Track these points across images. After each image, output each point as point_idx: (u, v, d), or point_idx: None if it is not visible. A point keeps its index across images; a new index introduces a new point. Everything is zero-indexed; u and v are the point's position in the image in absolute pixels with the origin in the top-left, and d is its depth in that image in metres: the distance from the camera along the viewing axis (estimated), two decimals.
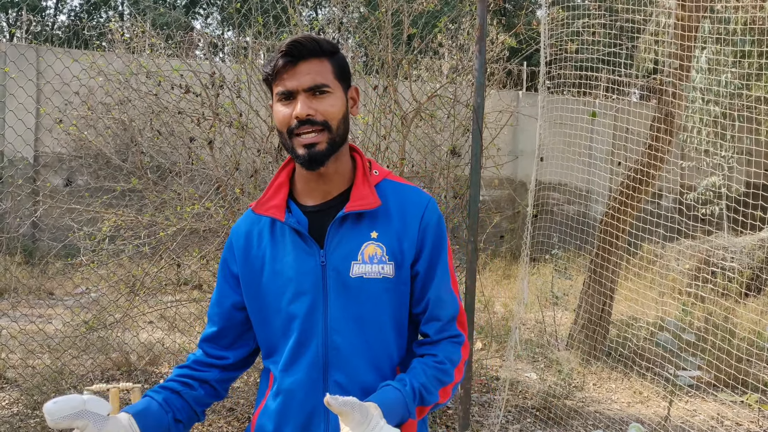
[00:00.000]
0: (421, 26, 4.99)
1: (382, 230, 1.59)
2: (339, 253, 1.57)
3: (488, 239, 11.44)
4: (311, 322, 1.57)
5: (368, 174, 1.64)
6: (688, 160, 10.83)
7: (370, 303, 1.57)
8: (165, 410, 1.58)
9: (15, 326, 5.69)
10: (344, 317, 1.57)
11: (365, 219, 1.59)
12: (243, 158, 4.65)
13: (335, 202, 1.62)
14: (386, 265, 1.57)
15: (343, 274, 1.57)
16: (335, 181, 1.62)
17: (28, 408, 4.71)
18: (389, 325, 1.60)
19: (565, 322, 7.45)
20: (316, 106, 1.52)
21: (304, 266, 1.58)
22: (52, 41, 13.89)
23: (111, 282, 5.00)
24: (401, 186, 1.67)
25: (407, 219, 1.61)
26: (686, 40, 5.54)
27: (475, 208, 4.14)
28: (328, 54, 1.57)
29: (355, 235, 1.58)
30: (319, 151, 1.53)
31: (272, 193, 1.65)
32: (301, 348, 1.58)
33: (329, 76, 1.56)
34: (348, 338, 1.57)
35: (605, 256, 6.18)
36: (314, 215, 1.61)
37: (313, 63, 1.54)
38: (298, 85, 1.52)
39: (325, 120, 1.53)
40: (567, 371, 5.72)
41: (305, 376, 1.58)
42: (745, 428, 5.01)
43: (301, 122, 1.52)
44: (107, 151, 5.18)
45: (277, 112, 1.56)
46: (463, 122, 5.10)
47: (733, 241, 9.26)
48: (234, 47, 5.49)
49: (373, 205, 1.57)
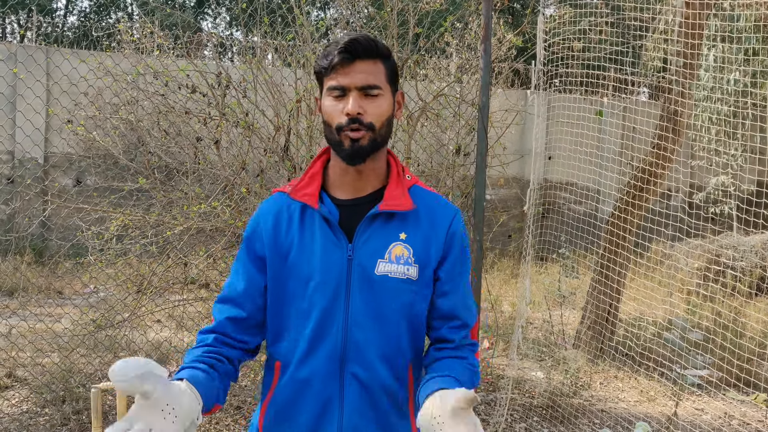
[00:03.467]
0: (426, 26, 4.99)
1: (411, 232, 1.63)
2: (367, 249, 1.61)
3: (496, 239, 11.43)
4: (332, 313, 1.60)
5: (402, 176, 1.68)
6: (697, 159, 10.79)
7: (391, 301, 1.61)
8: (211, 377, 1.52)
9: (24, 325, 5.74)
10: (365, 312, 1.60)
11: (395, 219, 1.63)
12: (249, 158, 4.67)
13: (367, 198, 1.65)
14: (411, 267, 1.61)
15: (369, 271, 1.60)
16: (370, 178, 1.66)
17: (37, 406, 4.75)
18: (406, 324, 1.64)
19: (573, 321, 7.43)
20: (366, 106, 1.56)
21: (330, 257, 1.60)
22: (62, 42, 13.98)
23: (119, 281, 5.03)
24: (430, 193, 1.72)
25: (436, 225, 1.66)
26: (693, 38, 5.52)
27: (480, 207, 4.14)
28: (383, 56, 1.60)
29: (385, 234, 1.62)
30: (361, 146, 1.56)
31: (307, 181, 1.67)
32: (320, 338, 1.60)
33: (382, 77, 1.59)
34: (367, 333, 1.60)
35: (612, 255, 6.17)
36: (345, 209, 1.64)
37: (369, 63, 1.57)
38: (352, 82, 1.55)
39: (371, 122, 1.56)
40: (574, 370, 5.72)
41: (323, 367, 1.60)
42: (752, 428, 4.99)
43: (351, 120, 1.55)
44: (115, 152, 5.21)
45: (326, 106, 1.59)
46: (469, 121, 5.10)
47: (742, 241, 9.22)
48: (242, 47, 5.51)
49: (406, 206, 1.62)
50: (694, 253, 8.40)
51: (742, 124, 7.60)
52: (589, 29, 5.70)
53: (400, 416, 1.66)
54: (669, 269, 8.16)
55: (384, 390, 1.62)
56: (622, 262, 6.13)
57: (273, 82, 4.74)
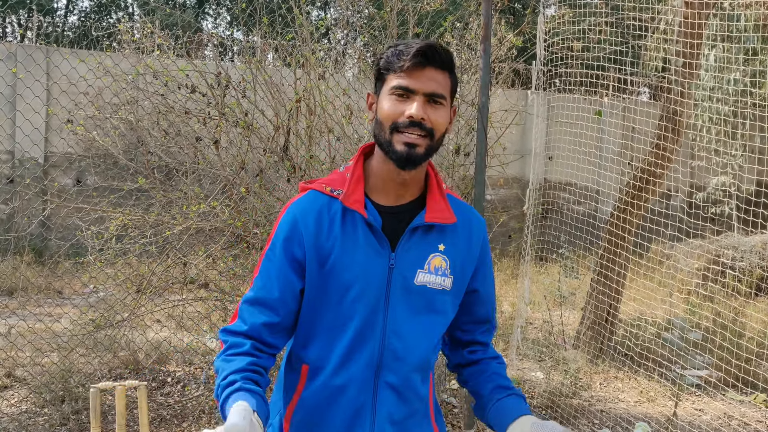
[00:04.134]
0: (426, 26, 4.99)
1: (449, 244, 1.65)
2: (408, 259, 1.61)
3: (496, 239, 11.43)
4: (372, 322, 1.59)
5: (441, 187, 1.69)
6: (697, 159, 10.79)
7: (427, 311, 1.63)
8: (264, 399, 1.50)
9: (24, 325, 5.74)
10: (403, 322, 1.61)
11: (435, 230, 1.64)
12: (249, 158, 4.66)
13: (408, 206, 1.65)
14: (447, 278, 1.64)
15: (409, 280, 1.61)
16: (412, 186, 1.65)
17: (36, 406, 4.75)
18: (437, 334, 1.68)
19: (573, 322, 7.43)
20: (429, 113, 1.55)
21: (373, 265, 1.59)
22: (62, 42, 13.99)
23: (118, 281, 5.03)
24: (463, 204, 1.74)
25: (472, 238, 1.70)
26: (693, 38, 5.52)
27: (480, 208, 4.14)
28: (451, 69, 1.61)
29: (425, 245, 1.63)
30: (417, 153, 1.55)
31: (354, 186, 1.61)
32: (358, 346, 1.60)
33: (447, 89, 1.59)
34: (404, 342, 1.62)
35: (612, 255, 6.16)
36: (387, 215, 1.62)
37: (439, 72, 1.57)
38: (421, 87, 1.54)
39: (433, 128, 1.56)
40: (573, 370, 5.71)
41: (359, 375, 1.60)
42: (752, 428, 4.99)
43: (413, 123, 1.53)
44: (115, 151, 5.21)
45: (386, 105, 1.56)
46: (469, 121, 5.10)
47: (743, 241, 9.21)
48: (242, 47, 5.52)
49: (450, 220, 1.64)
50: (695, 253, 8.39)
51: (742, 124, 7.60)
52: (589, 29, 5.70)
53: (424, 418, 1.71)
54: (669, 269, 8.16)
55: (415, 395, 1.67)
56: (622, 262, 6.13)
57: (272, 82, 4.73)
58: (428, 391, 1.72)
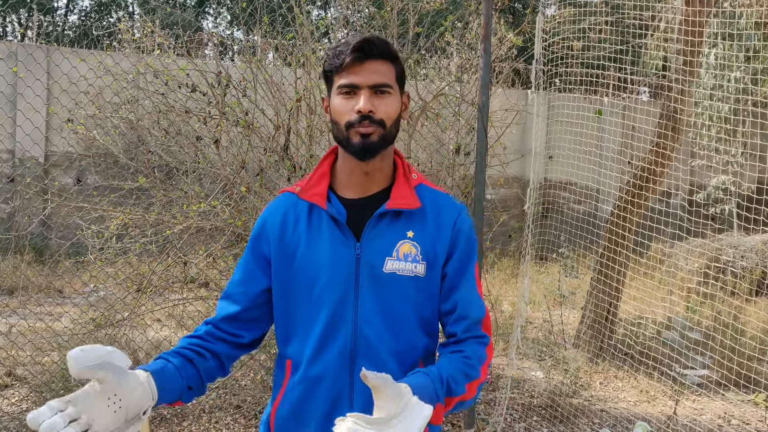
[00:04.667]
0: (426, 25, 4.99)
1: (418, 231, 1.66)
2: (375, 247, 1.63)
3: (496, 238, 11.43)
4: (341, 312, 1.62)
5: (408, 176, 1.71)
6: (698, 158, 10.78)
7: (399, 298, 1.63)
8: (180, 375, 1.58)
9: (24, 324, 5.74)
10: (374, 310, 1.62)
11: (402, 218, 1.66)
12: (249, 157, 4.67)
13: (374, 198, 1.68)
14: (419, 264, 1.64)
15: (377, 269, 1.62)
16: (377, 178, 1.69)
17: (36, 405, 4.75)
18: (416, 321, 1.66)
19: (573, 321, 7.43)
20: (377, 104, 1.59)
21: (339, 256, 1.63)
22: (63, 41, 13.99)
23: (119, 280, 5.03)
24: (436, 192, 1.75)
25: (442, 223, 1.68)
26: (694, 36, 5.51)
27: (480, 207, 4.14)
28: (393, 58, 1.65)
29: (392, 233, 1.65)
30: (372, 142, 1.59)
31: (315, 181, 1.69)
32: (330, 336, 1.62)
33: (392, 77, 1.63)
34: (377, 330, 1.62)
35: (612, 254, 6.16)
36: (353, 208, 1.67)
37: (380, 63, 1.61)
38: (363, 81, 1.58)
39: (382, 119, 1.60)
40: (573, 370, 5.71)
41: (333, 364, 1.62)
42: (752, 427, 4.99)
43: (362, 117, 1.58)
44: (115, 150, 5.21)
45: (336, 104, 1.62)
46: (469, 121, 5.10)
47: (743, 240, 9.21)
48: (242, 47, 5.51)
49: (413, 205, 1.65)
50: (695, 252, 8.39)
51: (742, 123, 7.59)
52: (589, 29, 5.69)
53: None
54: (670, 267, 8.16)
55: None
56: (622, 260, 6.13)
57: (273, 82, 4.74)
58: None
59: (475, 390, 1.64)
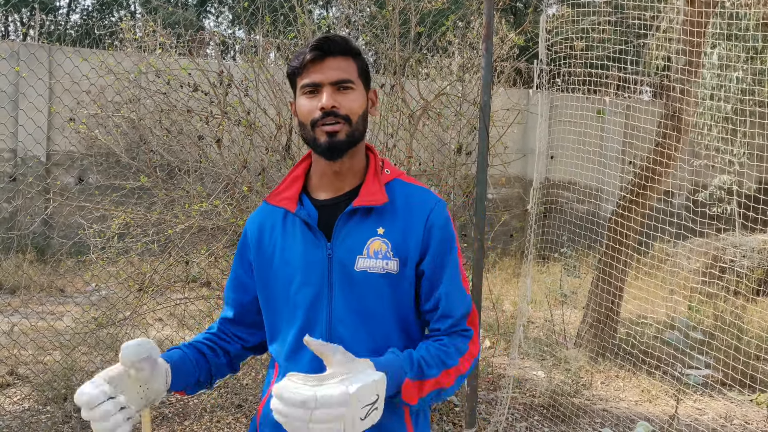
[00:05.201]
0: (428, 24, 4.99)
1: (389, 227, 1.63)
2: (345, 246, 1.62)
3: (498, 238, 11.43)
4: (315, 311, 1.62)
5: (379, 172, 1.69)
6: (699, 158, 10.77)
7: (372, 297, 1.61)
8: (194, 368, 1.67)
9: (26, 323, 5.75)
10: (348, 309, 1.61)
11: (372, 215, 1.64)
12: (251, 156, 4.67)
13: (345, 197, 1.67)
14: (390, 261, 1.61)
15: (348, 267, 1.61)
16: (348, 177, 1.68)
17: (39, 404, 4.76)
18: (392, 319, 1.64)
19: (574, 321, 7.43)
20: (340, 99, 1.59)
21: (311, 257, 1.63)
22: (65, 41, 14.00)
23: (120, 279, 5.04)
24: (411, 186, 1.71)
25: (413, 218, 1.64)
26: (695, 36, 5.51)
27: (481, 207, 4.14)
28: (354, 54, 1.65)
29: (362, 230, 1.63)
30: (339, 140, 1.58)
31: (287, 185, 1.71)
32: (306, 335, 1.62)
33: (354, 73, 1.63)
34: (351, 329, 1.61)
35: (614, 254, 6.16)
36: (325, 209, 1.67)
37: (340, 60, 1.61)
38: (325, 78, 1.59)
39: (347, 114, 1.59)
40: (575, 369, 5.71)
41: (309, 365, 1.61)
42: (753, 427, 4.98)
43: (326, 113, 1.57)
44: (117, 150, 5.21)
45: (301, 105, 1.62)
46: (470, 120, 5.10)
47: (745, 240, 9.20)
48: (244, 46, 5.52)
49: (380, 201, 1.62)
50: (698, 251, 8.38)
51: (744, 123, 7.58)
52: (591, 28, 5.69)
53: (391, 412, 1.61)
54: (672, 267, 8.15)
55: None
56: (624, 260, 6.12)
57: (274, 81, 4.74)
58: None
59: (454, 379, 1.59)
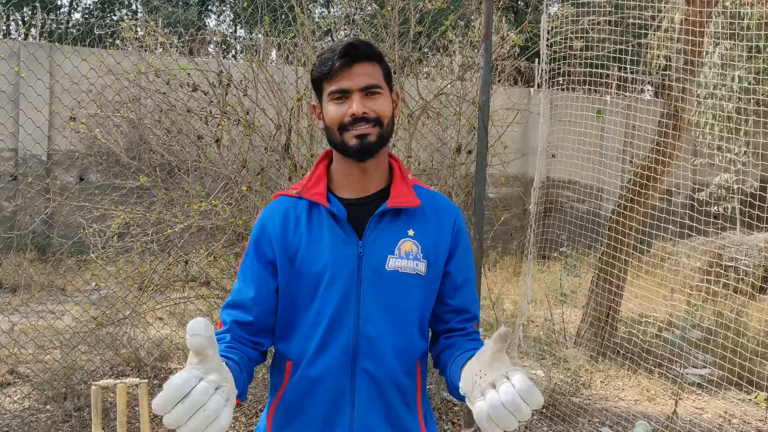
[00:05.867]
0: (428, 24, 4.99)
1: (419, 229, 1.67)
2: (377, 245, 1.63)
3: (498, 237, 11.43)
4: (344, 309, 1.61)
5: (406, 176, 1.73)
6: (700, 157, 10.77)
7: (401, 296, 1.63)
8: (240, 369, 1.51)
9: (27, 322, 5.76)
10: (377, 307, 1.62)
11: (403, 216, 1.67)
12: (250, 156, 4.67)
13: (373, 197, 1.69)
14: (420, 262, 1.65)
15: (379, 266, 1.62)
16: (375, 177, 1.70)
17: (39, 403, 4.77)
18: (415, 318, 1.67)
19: (574, 320, 7.43)
20: (369, 105, 1.61)
21: (341, 254, 1.62)
22: (66, 40, 13.99)
23: (120, 279, 5.05)
24: (433, 192, 1.78)
25: (442, 222, 1.70)
26: (695, 36, 5.51)
27: (480, 206, 4.14)
28: (378, 58, 1.66)
29: (394, 231, 1.66)
30: (370, 142, 1.60)
31: (314, 182, 1.70)
32: (332, 334, 1.62)
33: (380, 78, 1.65)
34: (379, 328, 1.62)
35: (613, 253, 6.16)
36: (352, 207, 1.67)
37: (367, 65, 1.63)
38: (354, 84, 1.60)
39: (378, 117, 1.61)
40: (574, 368, 5.71)
41: (335, 363, 1.61)
42: (753, 426, 4.99)
43: (357, 119, 1.60)
44: (117, 149, 5.22)
45: (329, 110, 1.63)
46: (470, 120, 5.10)
47: (746, 239, 9.19)
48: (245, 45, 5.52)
49: (413, 203, 1.66)
50: (700, 249, 8.38)
51: (746, 122, 7.57)
52: (591, 28, 5.69)
53: (408, 411, 1.68)
54: (673, 265, 8.15)
55: (394, 384, 1.64)
56: (624, 258, 6.13)
57: (274, 81, 4.74)
58: (415, 385, 1.69)
59: None
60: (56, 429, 4.39)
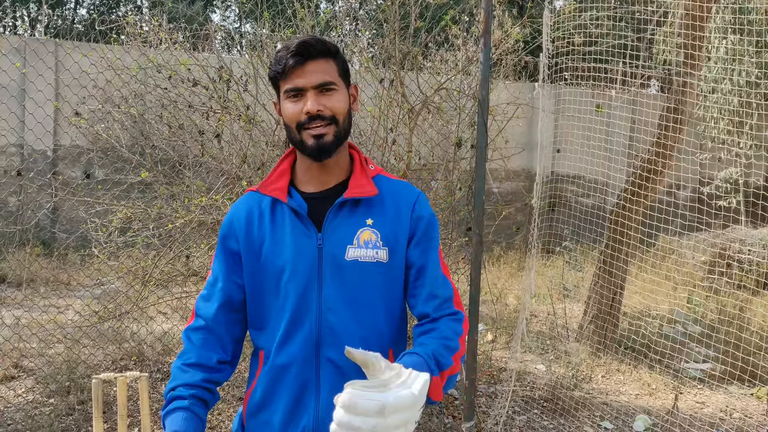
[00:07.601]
0: (428, 19, 4.98)
1: (377, 218, 1.70)
2: (336, 236, 1.67)
3: (502, 231, 11.41)
4: (306, 300, 1.66)
5: (365, 167, 1.76)
6: (705, 150, 10.72)
7: (363, 285, 1.67)
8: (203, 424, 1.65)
9: (31, 316, 5.80)
10: (338, 297, 1.66)
11: (361, 206, 1.70)
12: (250, 151, 4.69)
13: (333, 190, 1.73)
14: (380, 250, 1.68)
15: (339, 257, 1.66)
16: (335, 171, 1.73)
17: (42, 396, 4.81)
18: (381, 306, 1.70)
19: (577, 314, 7.43)
20: (324, 102, 1.63)
21: (301, 247, 1.67)
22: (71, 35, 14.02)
23: (121, 273, 5.08)
24: (394, 180, 1.80)
25: (400, 209, 1.72)
26: (697, 30, 5.48)
27: (480, 200, 4.14)
28: (333, 54, 1.68)
29: (352, 221, 1.69)
30: (326, 142, 1.64)
31: (275, 177, 1.74)
32: (296, 325, 1.66)
33: (335, 74, 1.67)
34: (341, 317, 1.66)
35: (616, 247, 6.15)
36: (313, 201, 1.71)
37: (320, 62, 1.65)
38: (308, 82, 1.63)
39: (333, 115, 1.64)
40: (576, 363, 5.72)
41: (299, 352, 1.66)
42: (753, 421, 4.98)
43: (312, 117, 1.62)
44: (119, 145, 5.24)
45: (286, 109, 1.67)
46: (471, 114, 5.10)
47: (751, 233, 9.16)
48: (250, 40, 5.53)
49: (370, 193, 1.69)
50: (707, 242, 8.36)
51: (750, 116, 7.53)
52: (593, 23, 5.67)
53: None
54: (678, 258, 8.13)
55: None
56: (627, 251, 6.12)
57: None
58: None
59: (459, 363, 1.65)
60: (59, 422, 4.42)
